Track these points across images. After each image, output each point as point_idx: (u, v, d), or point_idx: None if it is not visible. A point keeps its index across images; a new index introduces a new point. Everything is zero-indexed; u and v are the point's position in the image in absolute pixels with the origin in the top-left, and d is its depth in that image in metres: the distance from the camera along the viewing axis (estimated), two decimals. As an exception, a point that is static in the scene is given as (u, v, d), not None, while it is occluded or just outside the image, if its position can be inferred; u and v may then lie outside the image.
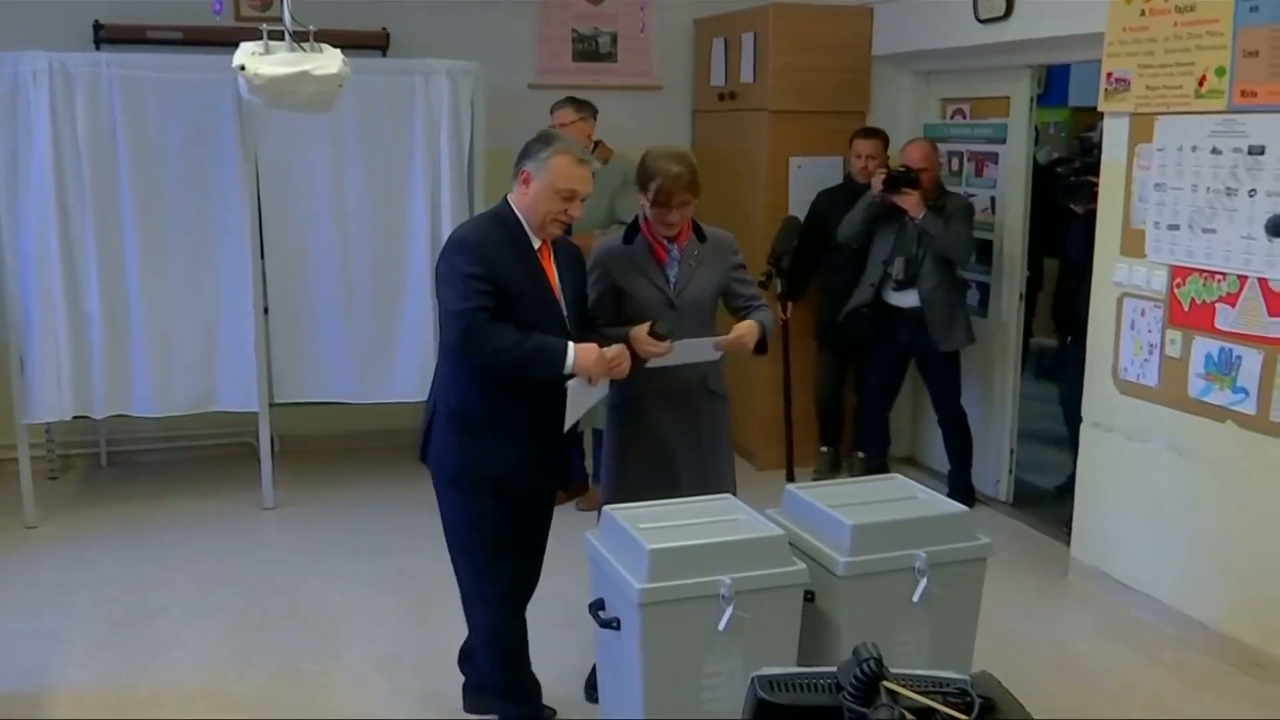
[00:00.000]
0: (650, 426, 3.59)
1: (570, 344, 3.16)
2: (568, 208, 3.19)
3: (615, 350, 3.25)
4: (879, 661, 1.51)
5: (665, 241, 3.58)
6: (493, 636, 3.43)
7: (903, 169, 5.34)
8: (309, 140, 5.39)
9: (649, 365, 3.41)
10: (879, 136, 5.77)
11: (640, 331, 3.40)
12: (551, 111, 5.55)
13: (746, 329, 3.53)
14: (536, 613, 3.51)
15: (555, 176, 3.17)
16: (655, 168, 3.50)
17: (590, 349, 3.18)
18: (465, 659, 3.67)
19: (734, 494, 3.34)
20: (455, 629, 4.29)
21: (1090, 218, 4.90)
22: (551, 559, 3.52)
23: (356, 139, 5.45)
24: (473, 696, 3.61)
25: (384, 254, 5.55)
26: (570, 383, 3.18)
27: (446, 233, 5.48)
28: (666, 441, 3.58)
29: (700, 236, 3.63)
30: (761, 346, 3.58)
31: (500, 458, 3.23)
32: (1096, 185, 4.73)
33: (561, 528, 3.63)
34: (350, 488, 5.89)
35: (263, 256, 5.42)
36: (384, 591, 4.66)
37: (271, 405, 5.52)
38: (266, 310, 5.47)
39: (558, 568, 3.61)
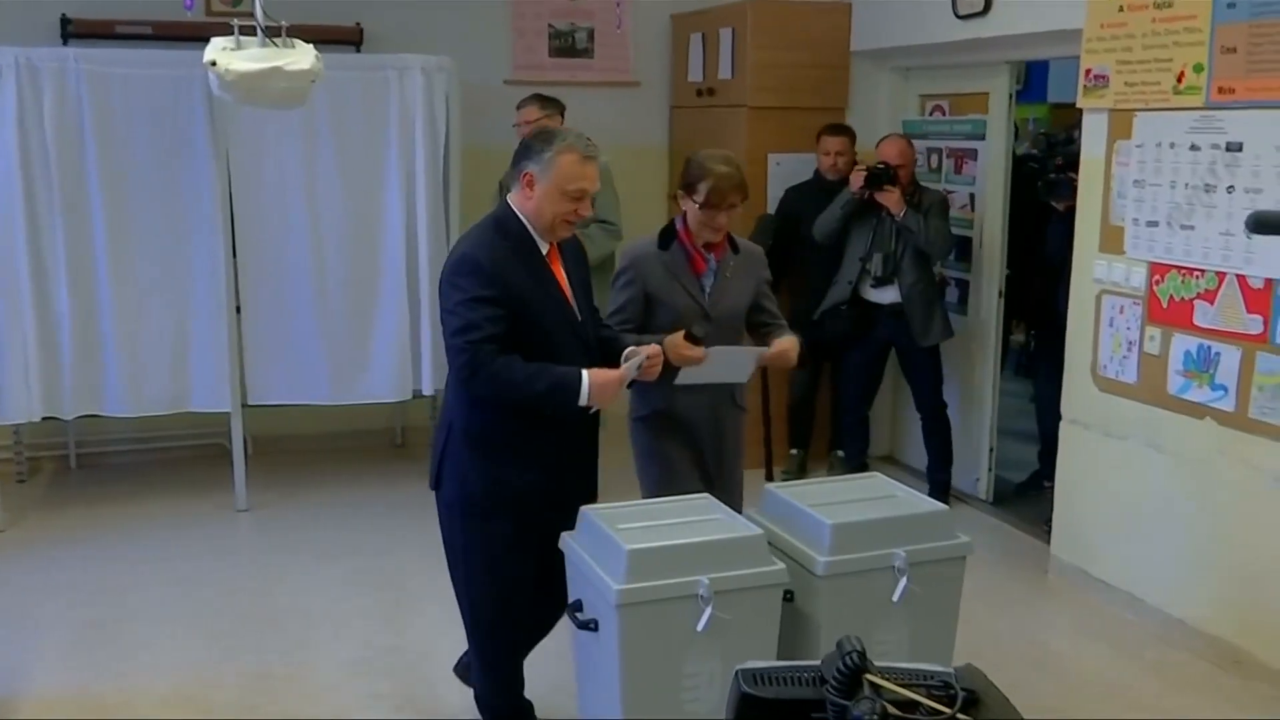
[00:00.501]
0: (682, 439, 3.58)
1: (585, 376, 2.98)
2: (577, 207, 3.05)
3: (652, 349, 3.14)
4: (862, 655, 1.51)
5: (704, 250, 3.56)
6: (493, 666, 3.36)
7: (881, 166, 5.36)
8: (281, 137, 5.37)
9: (679, 382, 3.37)
10: (846, 133, 5.77)
11: (676, 337, 3.36)
12: (517, 109, 5.55)
13: (790, 344, 3.53)
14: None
15: (562, 176, 3.01)
16: (705, 168, 3.45)
17: (608, 379, 3.00)
18: (466, 670, 3.58)
19: (740, 508, 3.33)
20: (431, 631, 4.29)
21: (1070, 214, 4.93)
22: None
23: (329, 136, 5.43)
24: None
25: (358, 252, 5.53)
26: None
27: (422, 230, 5.51)
28: (697, 453, 3.59)
29: (734, 248, 3.62)
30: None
31: (524, 479, 3.09)
32: (1076, 180, 4.76)
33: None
34: (324, 489, 5.87)
35: (235, 255, 5.39)
36: (359, 593, 4.64)
37: (244, 406, 5.50)
38: (239, 309, 5.44)
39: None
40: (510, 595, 3.21)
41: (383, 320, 5.57)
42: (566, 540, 3.01)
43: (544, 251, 3.11)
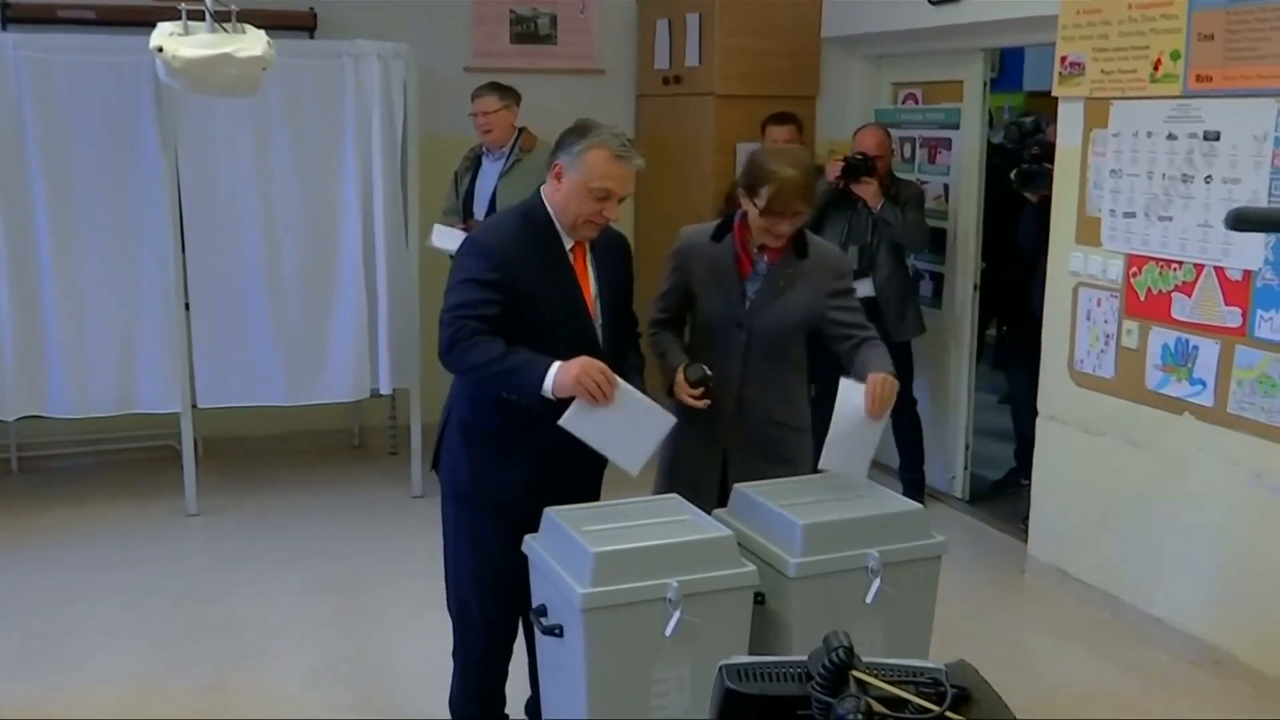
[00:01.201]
0: (692, 466, 3.42)
1: (553, 367, 2.84)
2: (603, 208, 2.95)
3: (598, 368, 2.84)
4: (849, 650, 1.50)
5: (754, 251, 3.35)
6: (468, 670, 3.34)
7: (859, 157, 5.36)
8: (232, 126, 5.33)
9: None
10: (793, 121, 5.71)
11: (679, 374, 3.25)
12: (473, 99, 5.54)
13: (879, 385, 3.09)
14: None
15: (589, 174, 2.92)
16: (768, 171, 3.23)
17: (573, 364, 2.83)
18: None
19: None
20: (392, 639, 4.28)
21: (1043, 205, 4.96)
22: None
23: (282, 125, 5.39)
24: None
25: (313, 246, 5.50)
26: (569, 415, 2.83)
27: (380, 221, 5.49)
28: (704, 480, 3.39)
29: (801, 252, 3.35)
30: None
31: (512, 480, 3.06)
32: (1053, 170, 4.79)
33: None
34: (279, 492, 5.84)
35: (184, 250, 5.35)
36: (316, 600, 4.62)
37: (194, 406, 5.46)
38: (188, 306, 5.40)
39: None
40: (490, 593, 3.19)
41: (339, 316, 5.54)
42: (529, 543, 3.00)
43: (568, 246, 3.05)
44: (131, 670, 4.04)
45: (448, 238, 5.28)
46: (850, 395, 3.16)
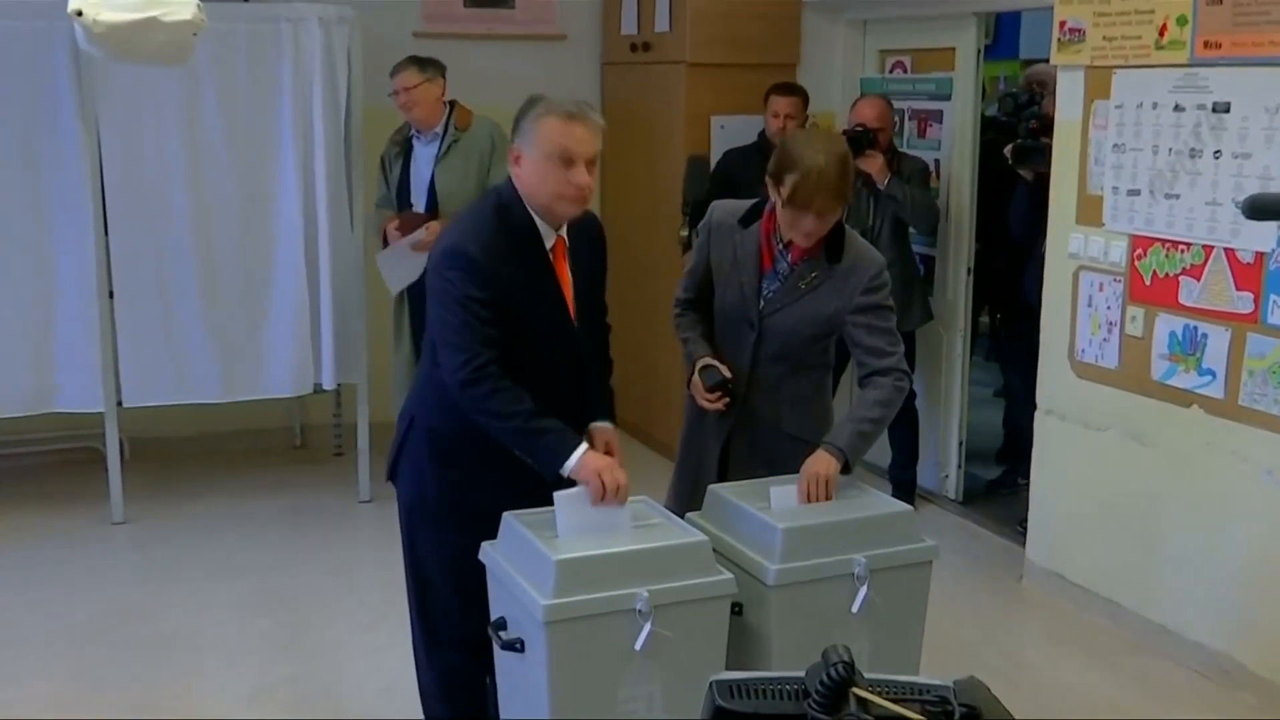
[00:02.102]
0: (691, 450, 3.50)
1: (581, 448, 2.93)
2: (570, 176, 2.95)
3: (622, 475, 2.94)
4: (849, 666, 1.50)
5: (779, 245, 3.30)
6: (451, 689, 3.31)
7: (860, 129, 5.36)
8: (159, 98, 5.29)
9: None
10: (798, 93, 5.75)
11: (696, 376, 3.30)
12: (391, 75, 5.38)
13: (814, 473, 3.11)
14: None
15: (545, 143, 2.93)
16: (795, 156, 3.17)
17: (600, 459, 2.96)
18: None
19: None
20: (336, 658, 4.27)
21: (1037, 183, 4.99)
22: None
23: (214, 96, 5.36)
24: None
25: (249, 228, 5.47)
26: (566, 496, 2.91)
27: (321, 203, 5.47)
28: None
29: (833, 256, 3.26)
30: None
31: (493, 487, 3.06)
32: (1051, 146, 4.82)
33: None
34: (213, 497, 5.81)
35: (106, 233, 5.31)
36: (253, 615, 4.60)
37: (119, 405, 5.43)
38: (111, 295, 5.36)
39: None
40: (469, 610, 3.17)
41: (278, 305, 5.52)
42: (487, 551, 3.00)
43: (549, 245, 3.07)
44: (51, 694, 4.01)
45: (400, 265, 5.28)
46: (782, 500, 3.10)
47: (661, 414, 6.08)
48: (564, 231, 3.11)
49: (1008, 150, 5.19)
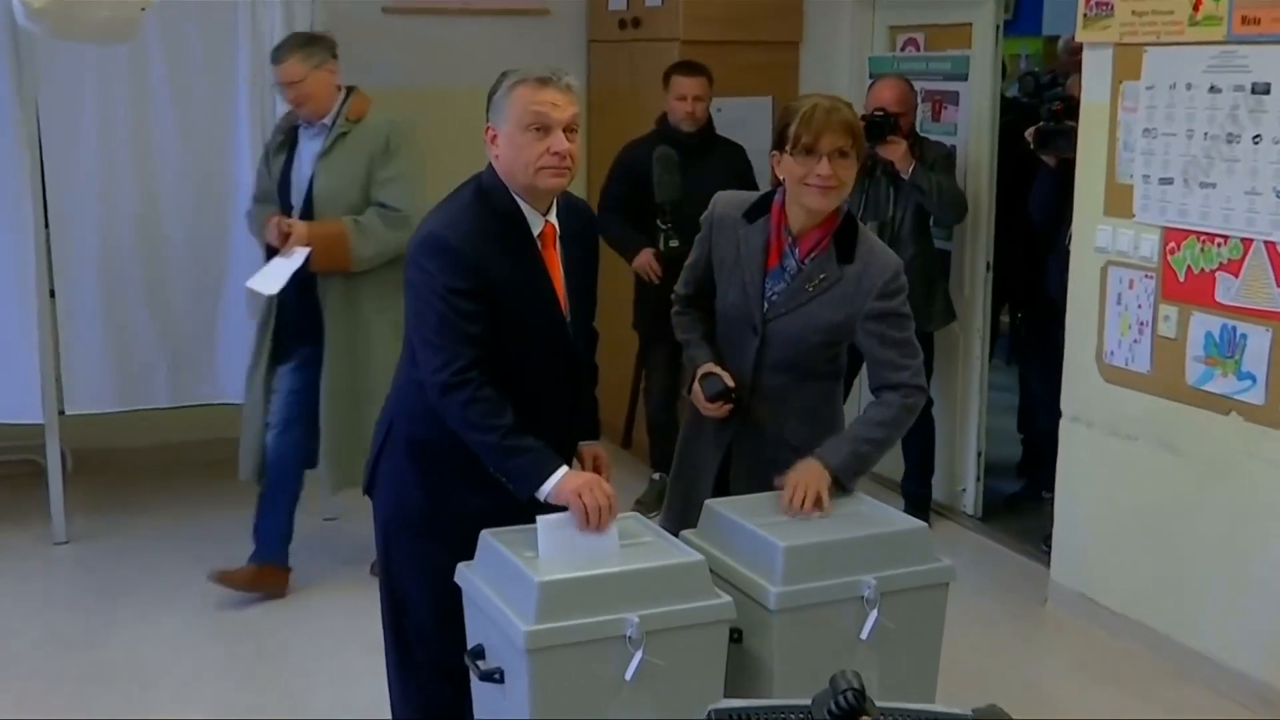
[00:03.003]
0: (687, 463, 3.52)
1: (560, 470, 2.94)
2: (549, 144, 2.95)
3: (606, 492, 2.94)
4: (860, 693, 1.51)
5: (788, 240, 3.29)
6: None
7: (880, 113, 5.35)
8: (105, 80, 5.30)
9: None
10: (704, 73, 5.66)
11: (696, 385, 3.32)
12: (273, 64, 4.78)
13: (798, 481, 3.13)
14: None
15: (517, 112, 2.96)
16: (794, 106, 3.23)
17: (580, 477, 2.96)
18: None
19: None
20: (298, 688, 4.26)
21: (1060, 169, 5.00)
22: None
23: (164, 79, 5.36)
24: None
25: (202, 221, 5.48)
26: (549, 521, 2.90)
27: (281, 194, 5.45)
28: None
29: (845, 256, 3.25)
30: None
31: (475, 500, 3.06)
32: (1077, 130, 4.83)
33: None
34: (163, 514, 5.80)
35: (47, 226, 5.30)
36: (208, 643, 4.61)
37: (61, 414, 5.41)
38: (52, 294, 5.35)
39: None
40: (450, 632, 3.16)
41: (232, 305, 5.52)
42: (463, 572, 3.00)
43: (537, 232, 3.08)
44: (-13, 729, 4.01)
45: (271, 275, 4.74)
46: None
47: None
48: (553, 217, 3.12)
49: (1029, 134, 5.20)
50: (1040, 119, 5.20)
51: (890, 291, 3.25)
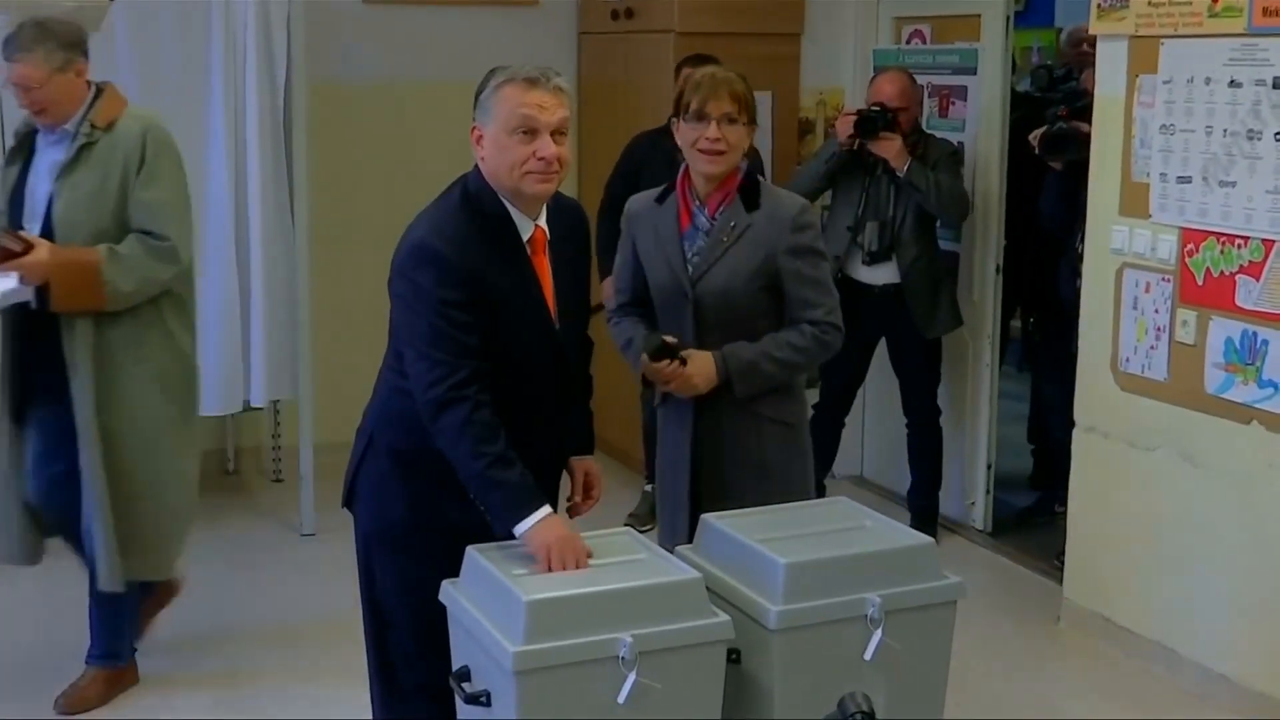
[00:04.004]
0: (671, 455, 3.64)
1: (540, 512, 2.94)
2: (535, 148, 2.98)
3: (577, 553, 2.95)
4: (870, 716, 1.52)
5: (695, 201, 3.52)
6: None
7: (877, 108, 5.37)
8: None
9: None
10: (716, 65, 5.70)
11: (643, 357, 3.43)
12: (5, 59, 4.09)
13: (687, 374, 3.42)
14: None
15: (504, 114, 2.99)
16: (686, 77, 3.55)
17: (553, 532, 2.94)
18: None
19: None
20: (269, 712, 4.25)
21: (1070, 169, 5.01)
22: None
23: (133, 74, 5.34)
24: None
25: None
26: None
27: (254, 196, 5.46)
28: (682, 474, 3.59)
29: (751, 202, 3.50)
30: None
31: (460, 513, 3.07)
32: (1087, 134, 4.83)
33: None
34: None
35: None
36: (177, 663, 4.59)
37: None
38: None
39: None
40: (434, 652, 3.15)
41: (205, 313, 5.47)
42: (448, 590, 3.00)
43: (526, 237, 3.10)
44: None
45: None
46: None
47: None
48: (543, 221, 3.14)
49: (1034, 138, 5.19)
50: (1047, 121, 5.20)
51: (802, 225, 3.50)
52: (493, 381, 3.01)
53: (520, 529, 2.95)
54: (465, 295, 2.98)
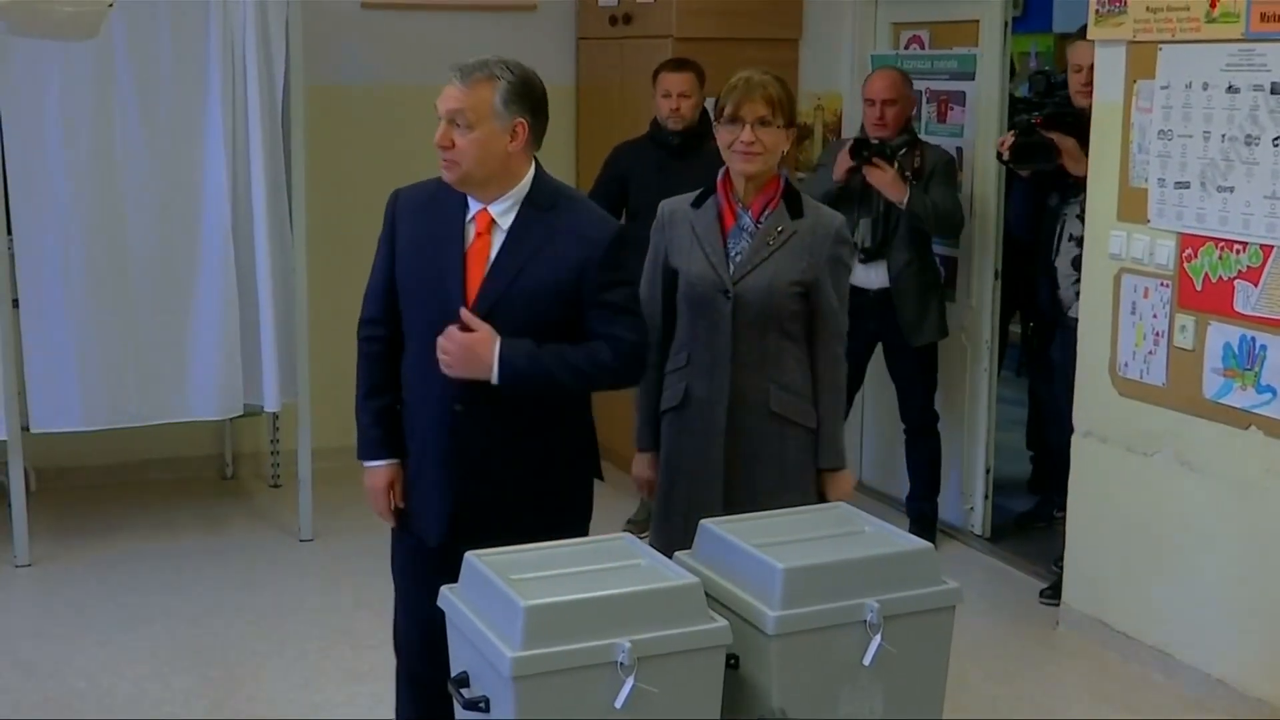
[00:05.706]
0: (681, 462, 3.69)
1: (372, 463, 3.33)
2: (438, 137, 3.18)
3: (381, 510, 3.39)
4: None
5: (738, 204, 3.60)
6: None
7: (876, 142, 5.34)
8: (69, 83, 5.29)
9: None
10: (692, 69, 5.63)
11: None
12: None
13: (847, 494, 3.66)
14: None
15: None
16: (726, 85, 3.59)
17: (369, 483, 3.34)
18: None
19: None
20: (266, 716, 4.25)
21: (1038, 180, 5.03)
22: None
23: (130, 77, 5.36)
24: None
25: (171, 227, 5.47)
26: None
27: (257, 198, 5.47)
28: (701, 479, 3.63)
29: (795, 210, 3.60)
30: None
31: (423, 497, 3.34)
32: (1056, 143, 4.90)
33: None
34: (130, 535, 5.80)
35: (9, 233, 5.30)
36: (176, 670, 4.59)
37: (25, 431, 5.41)
38: (16, 305, 5.35)
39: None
40: (413, 638, 3.36)
41: (203, 316, 5.51)
42: (446, 596, 3.00)
43: (470, 213, 3.20)
44: (-56, 762, 4.00)
45: None
46: None
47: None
48: (498, 209, 3.18)
49: (1000, 144, 5.17)
50: (1017, 130, 5.15)
51: (844, 238, 3.65)
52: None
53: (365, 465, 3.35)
54: (388, 240, 3.29)
